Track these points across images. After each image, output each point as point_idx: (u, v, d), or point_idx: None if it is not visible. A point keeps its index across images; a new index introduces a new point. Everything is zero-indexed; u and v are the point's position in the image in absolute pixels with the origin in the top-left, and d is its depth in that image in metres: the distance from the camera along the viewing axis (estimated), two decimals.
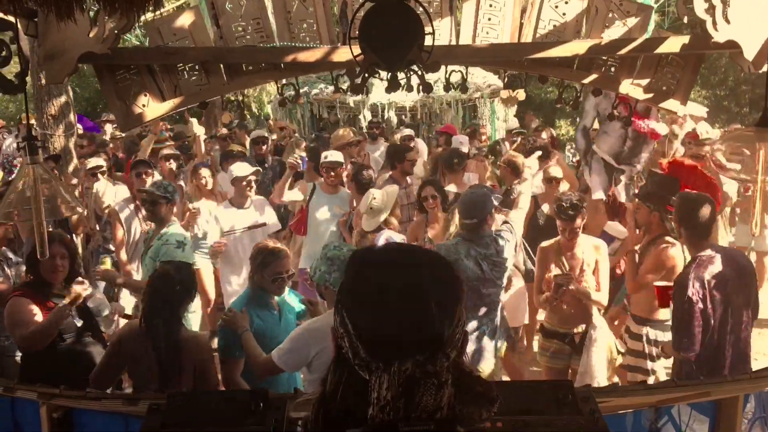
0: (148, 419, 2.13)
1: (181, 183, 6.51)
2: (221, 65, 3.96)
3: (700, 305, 3.62)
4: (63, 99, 6.14)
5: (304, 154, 7.05)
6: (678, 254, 4.29)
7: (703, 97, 18.65)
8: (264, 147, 8.36)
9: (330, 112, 13.10)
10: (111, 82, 3.92)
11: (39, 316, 3.75)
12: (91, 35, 3.72)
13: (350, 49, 3.04)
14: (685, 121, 7.67)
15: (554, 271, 4.43)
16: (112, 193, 6.05)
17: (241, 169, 5.79)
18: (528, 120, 12.89)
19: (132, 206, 5.86)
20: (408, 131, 9.49)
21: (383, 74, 3.13)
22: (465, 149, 7.91)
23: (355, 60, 3.08)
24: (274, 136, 10.56)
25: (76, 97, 16.91)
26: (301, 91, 13.82)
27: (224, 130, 10.17)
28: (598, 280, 4.46)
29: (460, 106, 13.04)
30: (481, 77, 13.19)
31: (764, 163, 2.50)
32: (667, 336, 4.24)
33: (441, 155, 6.96)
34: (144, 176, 5.85)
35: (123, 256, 5.65)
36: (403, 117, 12.94)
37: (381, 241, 4.44)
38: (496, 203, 4.14)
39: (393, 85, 3.16)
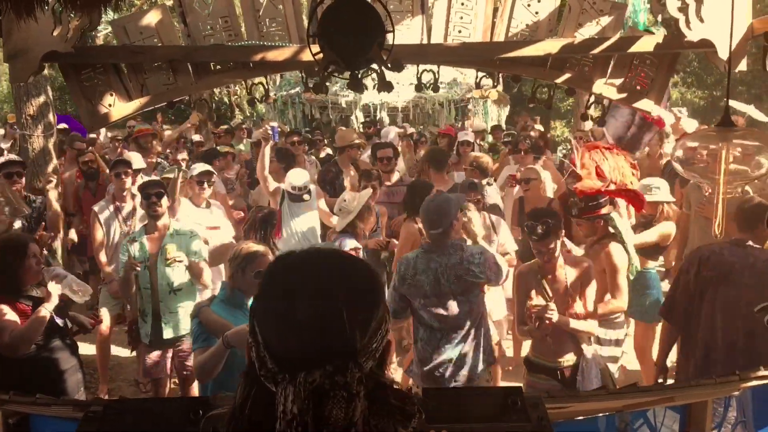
0: (82, 426, 2.07)
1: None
2: (189, 64, 3.92)
3: (688, 278, 3.66)
4: (42, 99, 6.08)
5: (275, 124, 6.92)
6: (618, 252, 4.07)
7: (699, 98, 18.61)
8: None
9: (322, 113, 13.08)
10: (76, 81, 3.88)
11: (11, 316, 3.67)
12: (54, 34, 3.68)
13: (309, 47, 2.98)
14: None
15: (535, 299, 3.81)
16: None
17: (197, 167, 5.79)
18: (521, 120, 12.84)
19: (112, 207, 5.78)
20: (398, 130, 9.44)
21: (345, 74, 3.06)
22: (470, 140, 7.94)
23: (314, 59, 3.02)
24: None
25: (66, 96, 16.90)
26: (292, 91, 13.76)
27: (196, 137, 10.21)
28: (585, 305, 3.80)
29: (453, 107, 13.00)
30: (473, 77, 13.14)
31: (726, 164, 2.44)
32: (618, 334, 4.21)
33: (426, 154, 6.88)
34: (124, 176, 5.79)
35: (102, 257, 5.58)
36: (396, 118, 12.91)
37: (335, 244, 4.37)
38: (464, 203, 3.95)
39: (354, 85, 3.10)
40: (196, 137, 10.35)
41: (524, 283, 3.93)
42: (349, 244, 4.59)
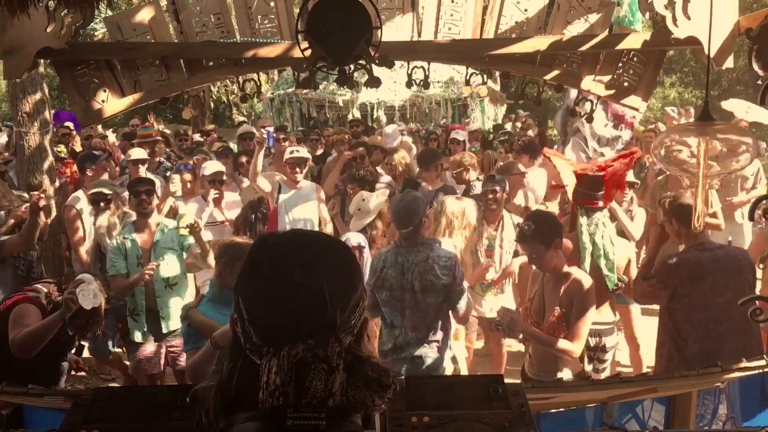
0: (71, 414, 2.11)
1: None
2: (181, 61, 3.95)
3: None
4: (38, 96, 6.11)
5: (271, 129, 7.01)
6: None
7: (697, 97, 18.63)
8: (251, 142, 8.46)
9: (319, 111, 13.13)
10: (70, 77, 3.91)
11: (34, 320, 3.58)
12: (48, 30, 3.71)
13: (297, 43, 3.02)
14: (689, 119, 7.60)
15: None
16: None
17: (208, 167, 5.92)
18: (518, 119, 12.88)
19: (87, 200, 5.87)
20: (392, 127, 9.49)
21: (332, 69, 3.09)
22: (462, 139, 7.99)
23: (303, 54, 3.06)
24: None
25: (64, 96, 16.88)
26: (290, 90, 13.80)
27: (197, 136, 10.28)
28: (555, 321, 3.47)
29: (450, 105, 13.05)
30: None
31: (705, 158, 2.48)
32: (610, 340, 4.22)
33: (418, 153, 6.94)
34: (88, 172, 5.90)
35: (83, 254, 5.64)
36: (393, 117, 12.95)
37: (341, 239, 4.41)
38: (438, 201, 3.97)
39: (341, 80, 3.14)
40: (197, 136, 10.41)
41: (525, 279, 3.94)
42: (354, 240, 4.60)
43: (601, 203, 4.24)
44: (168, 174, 6.97)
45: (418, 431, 2.04)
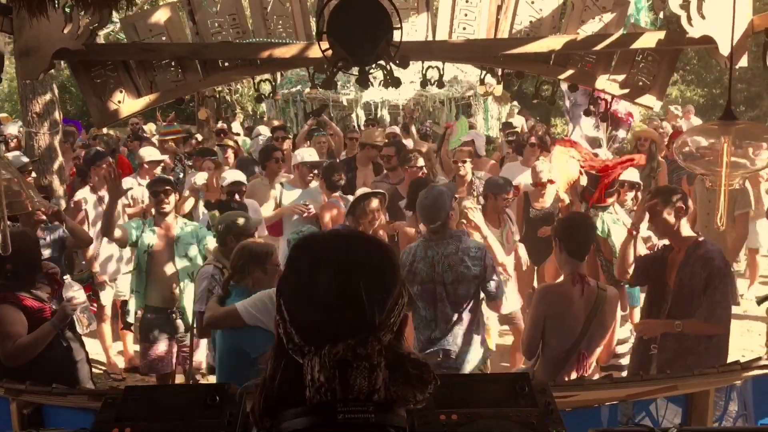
0: (102, 413, 2.12)
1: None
2: (197, 61, 3.97)
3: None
4: (48, 97, 6.14)
5: None
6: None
7: (699, 96, 18.65)
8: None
9: (323, 111, 13.11)
10: (87, 78, 3.93)
11: (18, 324, 3.60)
12: (65, 31, 3.73)
13: (318, 44, 3.03)
14: (688, 118, 7.66)
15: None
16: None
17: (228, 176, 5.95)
18: (526, 117, 12.89)
19: (95, 196, 5.97)
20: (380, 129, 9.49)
21: (353, 70, 3.11)
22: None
23: (323, 55, 3.08)
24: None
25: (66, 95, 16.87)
26: (294, 89, 13.78)
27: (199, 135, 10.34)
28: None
29: (454, 105, 13.04)
30: (474, 75, 13.17)
31: (727, 156, 2.49)
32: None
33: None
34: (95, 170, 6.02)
35: (90, 252, 5.73)
36: (397, 116, 12.94)
37: None
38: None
39: (362, 80, 3.16)
40: (199, 136, 10.45)
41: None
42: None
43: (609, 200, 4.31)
44: (181, 177, 7.01)
45: (447, 429, 2.05)
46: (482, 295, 3.80)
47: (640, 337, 3.87)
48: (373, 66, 3.16)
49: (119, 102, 3.94)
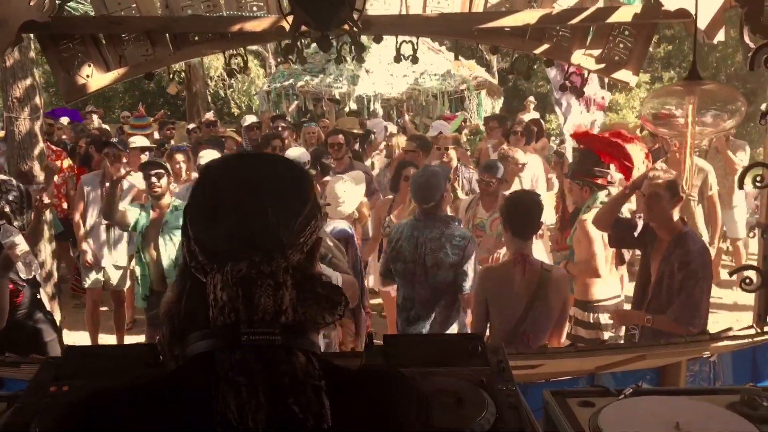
0: (41, 372, 2.06)
1: None
2: (167, 35, 3.91)
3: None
4: (29, 81, 6.06)
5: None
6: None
7: None
8: (258, 131, 8.60)
9: (316, 105, 13.09)
10: (54, 52, 3.87)
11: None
12: (31, 4, 3.68)
13: (280, 7, 2.98)
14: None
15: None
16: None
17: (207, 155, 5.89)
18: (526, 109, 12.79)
19: (98, 182, 5.99)
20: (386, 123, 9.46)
21: (314, 35, 3.05)
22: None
23: (284, 18, 3.02)
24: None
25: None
26: (286, 83, 13.72)
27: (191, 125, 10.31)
28: None
29: (447, 98, 13.00)
30: (467, 70, 13.15)
31: (693, 116, 2.43)
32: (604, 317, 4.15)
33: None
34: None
35: (77, 217, 5.88)
36: (390, 110, 12.90)
37: (328, 229, 4.29)
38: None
39: (323, 44, 3.10)
40: (191, 125, 10.42)
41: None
42: (343, 226, 4.50)
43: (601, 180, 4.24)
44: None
45: None
46: None
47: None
48: (339, 37, 3.10)
49: (87, 76, 3.89)
